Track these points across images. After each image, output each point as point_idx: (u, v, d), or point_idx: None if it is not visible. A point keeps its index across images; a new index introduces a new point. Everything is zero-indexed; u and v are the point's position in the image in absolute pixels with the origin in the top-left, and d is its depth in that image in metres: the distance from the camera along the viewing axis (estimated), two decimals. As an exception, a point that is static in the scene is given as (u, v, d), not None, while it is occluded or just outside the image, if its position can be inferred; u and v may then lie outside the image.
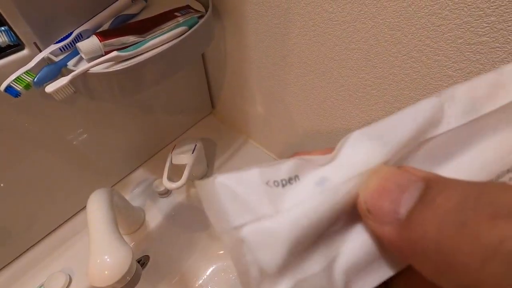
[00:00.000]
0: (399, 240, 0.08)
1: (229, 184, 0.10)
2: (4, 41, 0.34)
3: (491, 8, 0.23)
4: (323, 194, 0.10)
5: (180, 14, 0.40)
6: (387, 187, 0.09)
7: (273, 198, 0.10)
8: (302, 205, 0.10)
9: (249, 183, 0.10)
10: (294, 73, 0.43)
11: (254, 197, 0.10)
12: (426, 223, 0.08)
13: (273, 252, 0.09)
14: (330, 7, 0.33)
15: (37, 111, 0.40)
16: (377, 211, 0.09)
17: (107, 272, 0.33)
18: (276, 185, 0.10)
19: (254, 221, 0.10)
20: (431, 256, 0.07)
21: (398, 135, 0.10)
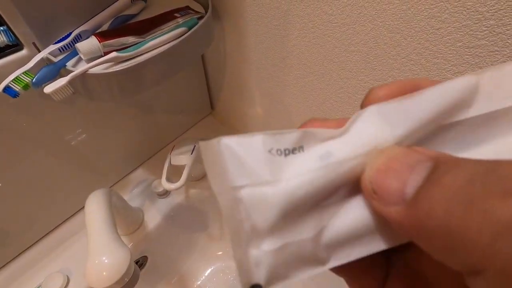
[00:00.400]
0: (406, 220, 0.08)
1: (233, 146, 0.10)
2: (3, 41, 0.34)
3: (490, 11, 0.23)
4: (324, 168, 0.10)
5: (179, 15, 0.40)
6: (394, 167, 0.09)
7: (273, 167, 0.10)
8: (301, 176, 0.10)
9: (252, 149, 0.10)
10: (294, 74, 0.43)
11: (255, 162, 0.10)
12: (433, 202, 0.08)
13: (267, 214, 0.10)
14: (330, 9, 0.33)
15: (35, 111, 0.40)
16: (383, 191, 0.09)
17: (105, 273, 0.33)
18: (279, 154, 0.10)
19: (252, 185, 0.10)
20: (438, 235, 0.07)
21: (416, 117, 0.10)
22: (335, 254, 0.10)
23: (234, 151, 0.10)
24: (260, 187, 0.10)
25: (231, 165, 0.10)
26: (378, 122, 0.10)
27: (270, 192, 0.10)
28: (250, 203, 0.10)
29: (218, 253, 0.63)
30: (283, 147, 0.10)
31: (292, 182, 0.10)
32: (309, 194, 0.10)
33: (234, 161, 0.10)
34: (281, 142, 0.10)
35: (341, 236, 0.10)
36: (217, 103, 0.68)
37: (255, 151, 0.10)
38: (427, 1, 0.26)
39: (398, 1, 0.28)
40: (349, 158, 0.10)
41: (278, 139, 0.10)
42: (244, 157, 0.10)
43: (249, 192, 0.10)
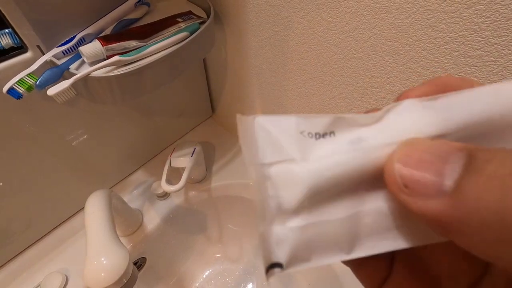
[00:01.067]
0: (448, 215, 0.08)
1: (267, 125, 0.11)
2: (8, 43, 0.34)
3: (485, 23, 0.24)
4: (354, 152, 0.10)
5: (182, 20, 0.41)
6: (425, 158, 0.08)
7: (303, 147, 0.10)
8: (328, 158, 0.10)
9: (285, 128, 0.10)
10: (294, 80, 0.44)
11: (286, 141, 0.10)
12: (482, 192, 0.07)
13: (293, 192, 0.10)
14: (329, 16, 0.33)
15: (37, 112, 0.40)
16: (417, 185, 0.08)
17: (103, 274, 0.33)
18: (310, 136, 0.10)
19: (281, 162, 0.10)
20: (491, 227, 0.07)
21: (467, 111, 0.09)
22: (360, 245, 0.10)
23: (267, 130, 0.10)
24: (288, 164, 0.10)
25: (262, 142, 0.10)
26: (422, 111, 0.10)
27: (297, 170, 0.10)
28: (277, 180, 0.10)
29: (216, 255, 0.64)
30: (314, 130, 0.11)
31: (319, 163, 0.10)
32: (336, 176, 0.10)
33: (266, 139, 0.10)
34: (313, 126, 0.11)
35: (369, 227, 0.10)
36: (218, 106, 0.68)
37: (288, 131, 0.10)
38: (424, 11, 0.26)
39: (396, 11, 0.28)
40: (381, 145, 0.10)
41: (310, 122, 0.11)
42: (276, 136, 0.10)
43: (278, 169, 0.10)
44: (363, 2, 0.30)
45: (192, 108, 0.65)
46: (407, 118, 0.10)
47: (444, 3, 0.25)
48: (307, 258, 0.10)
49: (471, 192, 0.07)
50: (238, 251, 0.64)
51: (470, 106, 0.09)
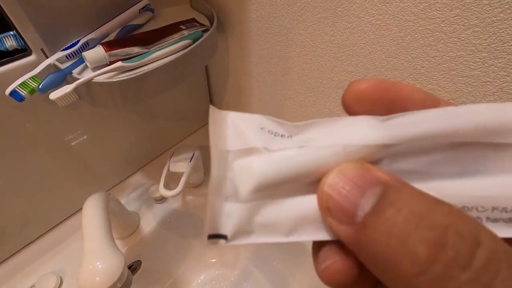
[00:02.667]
0: (353, 241, 0.09)
1: (237, 120, 0.12)
2: (12, 45, 0.35)
3: (483, 44, 0.24)
4: (300, 149, 0.11)
5: (185, 27, 0.41)
6: (347, 189, 0.10)
7: (263, 138, 0.12)
8: (280, 152, 0.11)
9: (251, 124, 0.12)
10: (294, 89, 0.44)
11: (250, 133, 0.12)
12: (376, 232, 0.09)
13: (247, 184, 0.11)
14: (331, 30, 0.34)
15: (38, 113, 0.41)
16: (336, 210, 0.10)
17: (98, 279, 0.33)
18: (269, 133, 0.12)
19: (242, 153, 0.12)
20: (377, 259, 0.09)
21: (417, 126, 0.10)
22: (299, 231, 0.11)
23: (236, 124, 0.12)
24: (247, 156, 0.11)
25: (231, 134, 0.12)
26: (371, 121, 0.11)
27: (253, 165, 0.11)
28: (236, 170, 0.11)
29: (211, 260, 0.64)
30: (275, 130, 0.12)
31: (270, 158, 0.11)
32: (283, 170, 0.11)
33: (234, 131, 0.12)
34: (276, 127, 0.12)
35: (308, 218, 0.11)
36: (218, 111, 0.69)
37: (252, 126, 0.12)
38: (423, 30, 0.27)
39: (396, 28, 0.29)
40: (325, 146, 0.11)
41: (274, 124, 0.12)
42: (242, 129, 0.12)
43: (239, 161, 0.11)
44: (364, 18, 0.30)
45: (192, 112, 0.65)
46: (356, 126, 0.11)
47: (442, 23, 0.26)
48: (250, 233, 0.11)
49: (371, 229, 0.09)
50: (233, 257, 0.64)
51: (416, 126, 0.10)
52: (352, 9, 0.31)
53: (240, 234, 0.11)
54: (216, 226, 0.11)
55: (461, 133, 0.10)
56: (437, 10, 0.25)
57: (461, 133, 0.10)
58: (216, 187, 0.11)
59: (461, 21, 0.24)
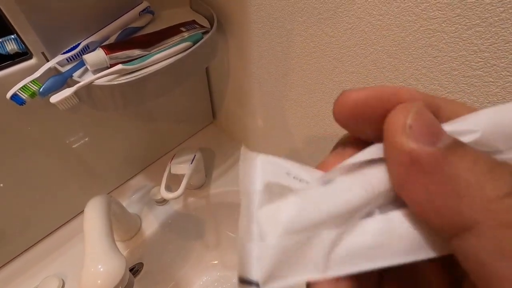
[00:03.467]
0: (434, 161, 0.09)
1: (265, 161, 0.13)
2: (13, 48, 0.35)
3: (485, 44, 0.24)
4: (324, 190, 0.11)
5: (185, 29, 0.41)
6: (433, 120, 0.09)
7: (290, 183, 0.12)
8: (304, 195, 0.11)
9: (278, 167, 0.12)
10: (295, 90, 0.44)
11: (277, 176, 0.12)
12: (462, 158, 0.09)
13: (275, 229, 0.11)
14: (331, 31, 0.34)
15: (39, 116, 0.41)
16: (420, 130, 0.09)
17: (99, 282, 0.33)
18: (295, 178, 0.12)
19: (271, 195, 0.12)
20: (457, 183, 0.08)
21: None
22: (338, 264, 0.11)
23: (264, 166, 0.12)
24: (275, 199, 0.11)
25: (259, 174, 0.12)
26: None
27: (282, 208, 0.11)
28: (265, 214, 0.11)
29: (213, 262, 0.64)
30: (300, 176, 0.12)
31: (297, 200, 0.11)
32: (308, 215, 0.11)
33: (261, 172, 0.12)
34: (300, 173, 0.12)
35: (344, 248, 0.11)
36: (219, 113, 0.69)
37: (279, 169, 0.12)
38: (425, 30, 0.27)
39: (397, 28, 0.28)
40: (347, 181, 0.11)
41: (298, 170, 0.12)
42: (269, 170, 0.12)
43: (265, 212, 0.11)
44: (364, 19, 0.30)
45: (193, 114, 0.65)
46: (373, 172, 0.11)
47: (444, 23, 0.25)
48: (284, 277, 0.11)
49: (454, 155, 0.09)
50: (235, 259, 0.63)
51: None
52: (353, 9, 0.31)
53: (272, 278, 0.10)
54: (246, 270, 0.10)
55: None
56: (438, 10, 0.25)
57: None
58: (246, 228, 0.11)
59: (463, 21, 0.24)
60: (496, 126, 0.10)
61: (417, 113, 0.09)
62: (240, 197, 0.11)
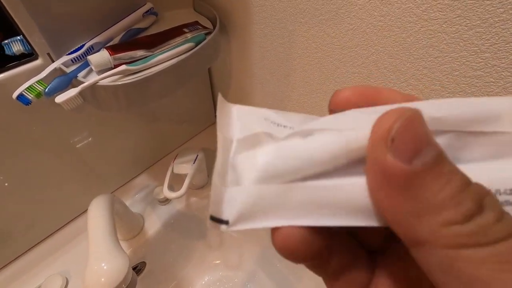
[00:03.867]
0: (405, 179, 0.09)
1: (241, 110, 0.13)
2: (19, 49, 0.36)
3: (485, 45, 0.24)
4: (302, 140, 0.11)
5: (188, 30, 0.41)
6: (419, 132, 0.09)
7: (267, 128, 0.12)
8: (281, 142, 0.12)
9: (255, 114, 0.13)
10: (297, 91, 0.44)
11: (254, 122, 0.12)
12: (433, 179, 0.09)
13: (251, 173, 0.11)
14: (333, 32, 0.34)
15: (44, 116, 0.41)
16: (402, 145, 0.09)
17: (103, 280, 0.33)
18: (273, 123, 0.12)
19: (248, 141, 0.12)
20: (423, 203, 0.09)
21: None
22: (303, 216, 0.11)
23: (241, 115, 0.13)
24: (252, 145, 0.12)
25: (235, 123, 0.13)
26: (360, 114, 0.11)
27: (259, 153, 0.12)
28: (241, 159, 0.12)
29: (215, 262, 0.64)
30: (277, 121, 0.13)
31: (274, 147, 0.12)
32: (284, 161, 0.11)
33: (238, 121, 0.13)
34: (278, 118, 0.13)
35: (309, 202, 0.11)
36: (222, 113, 0.69)
37: (256, 116, 0.13)
38: (426, 31, 0.27)
39: (398, 29, 0.29)
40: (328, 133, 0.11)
41: (276, 115, 0.13)
42: (246, 119, 0.13)
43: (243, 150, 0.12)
44: (366, 20, 0.30)
45: (195, 114, 0.66)
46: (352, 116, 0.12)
47: (445, 24, 0.26)
48: (250, 220, 0.11)
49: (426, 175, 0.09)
50: (237, 258, 0.64)
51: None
52: (354, 10, 0.31)
53: (243, 219, 0.11)
54: (218, 210, 0.11)
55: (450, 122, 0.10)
56: (439, 11, 0.25)
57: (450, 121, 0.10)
58: (220, 172, 0.11)
59: (463, 22, 0.24)
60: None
61: (403, 124, 0.09)
62: (218, 144, 0.12)
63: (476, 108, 0.11)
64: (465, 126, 0.11)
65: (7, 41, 0.34)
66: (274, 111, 0.13)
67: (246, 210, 0.11)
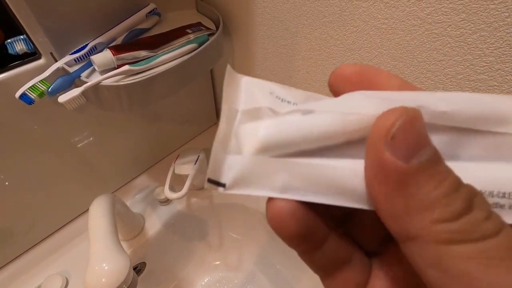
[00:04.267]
0: (400, 176, 0.09)
1: (249, 82, 0.13)
2: (22, 49, 0.36)
3: (489, 49, 0.24)
4: (303, 116, 0.12)
5: (191, 31, 0.41)
6: (419, 132, 0.10)
7: (271, 102, 0.13)
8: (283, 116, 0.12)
9: (262, 87, 0.13)
10: (299, 92, 0.44)
11: (259, 95, 0.13)
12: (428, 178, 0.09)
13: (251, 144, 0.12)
14: (336, 34, 0.34)
15: (46, 115, 0.41)
16: (401, 144, 0.09)
17: (104, 280, 0.33)
18: (277, 98, 0.13)
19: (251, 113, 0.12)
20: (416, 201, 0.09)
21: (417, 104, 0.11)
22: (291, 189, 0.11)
23: (249, 87, 0.13)
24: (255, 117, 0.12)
25: (244, 95, 0.13)
26: (366, 99, 0.11)
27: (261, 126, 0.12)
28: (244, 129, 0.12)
29: (215, 262, 0.64)
30: (282, 96, 0.13)
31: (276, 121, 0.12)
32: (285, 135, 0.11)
33: (246, 93, 0.13)
34: (283, 93, 0.13)
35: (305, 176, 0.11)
36: (223, 114, 0.69)
37: (263, 89, 0.13)
38: (430, 34, 0.27)
39: (402, 32, 0.29)
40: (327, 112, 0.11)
41: (282, 90, 0.13)
42: (253, 91, 0.13)
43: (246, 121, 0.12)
44: (369, 22, 0.30)
45: (197, 115, 0.66)
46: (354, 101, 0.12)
47: (449, 28, 0.26)
48: (247, 186, 0.12)
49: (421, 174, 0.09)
50: (238, 259, 0.64)
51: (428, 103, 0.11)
52: (358, 13, 0.31)
53: (239, 185, 0.12)
54: (217, 174, 0.12)
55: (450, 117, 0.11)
56: (443, 15, 0.25)
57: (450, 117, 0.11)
58: (222, 140, 0.12)
59: (468, 26, 0.24)
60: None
61: (405, 122, 0.10)
62: (221, 113, 0.12)
63: (483, 106, 0.11)
64: (471, 123, 0.11)
65: (10, 40, 0.34)
66: (280, 86, 0.13)
67: (243, 177, 0.12)
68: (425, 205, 0.09)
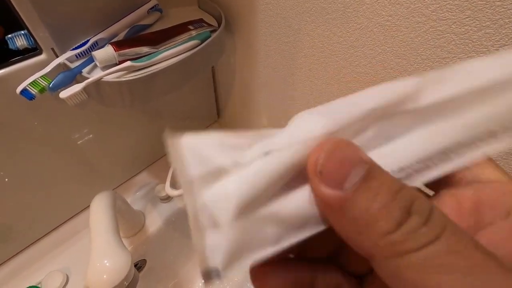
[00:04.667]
0: (338, 204, 0.10)
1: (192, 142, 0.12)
2: (23, 44, 0.35)
3: (495, 46, 0.24)
4: (265, 159, 0.11)
5: (193, 27, 0.41)
6: (342, 158, 0.10)
7: (226, 155, 0.11)
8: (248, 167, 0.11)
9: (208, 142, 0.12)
10: (301, 90, 0.44)
11: (210, 152, 0.12)
12: (362, 198, 0.10)
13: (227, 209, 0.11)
14: (339, 31, 0.34)
15: (46, 112, 0.41)
16: (329, 176, 0.10)
17: (105, 276, 0.33)
18: (230, 148, 0.12)
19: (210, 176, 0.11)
20: (358, 221, 0.10)
21: (351, 111, 0.11)
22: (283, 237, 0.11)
23: (193, 147, 0.12)
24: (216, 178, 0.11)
25: (189, 159, 0.11)
26: (316, 116, 0.12)
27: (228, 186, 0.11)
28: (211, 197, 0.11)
29: (216, 260, 0.64)
30: (234, 144, 0.12)
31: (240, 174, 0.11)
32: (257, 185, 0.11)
33: (192, 155, 0.12)
34: (233, 141, 0.12)
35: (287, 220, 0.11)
36: (224, 112, 0.69)
37: (210, 143, 0.12)
38: (434, 32, 0.27)
39: (406, 30, 0.28)
40: (287, 146, 0.11)
41: (230, 138, 0.12)
42: (201, 150, 0.12)
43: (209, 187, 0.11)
44: (373, 20, 0.30)
45: (198, 112, 0.66)
46: (304, 123, 0.12)
47: (454, 25, 0.25)
48: (241, 259, 0.11)
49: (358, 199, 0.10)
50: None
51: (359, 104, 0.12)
52: (362, 10, 0.31)
53: (232, 263, 0.11)
54: (205, 261, 0.11)
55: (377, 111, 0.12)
56: (448, 12, 0.25)
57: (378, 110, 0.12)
58: (194, 222, 0.11)
59: (473, 23, 0.24)
60: None
61: (327, 154, 0.10)
62: (182, 189, 0.11)
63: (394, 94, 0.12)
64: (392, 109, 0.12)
65: (11, 36, 0.34)
66: (226, 134, 0.12)
67: (234, 249, 0.11)
68: (370, 222, 0.09)
